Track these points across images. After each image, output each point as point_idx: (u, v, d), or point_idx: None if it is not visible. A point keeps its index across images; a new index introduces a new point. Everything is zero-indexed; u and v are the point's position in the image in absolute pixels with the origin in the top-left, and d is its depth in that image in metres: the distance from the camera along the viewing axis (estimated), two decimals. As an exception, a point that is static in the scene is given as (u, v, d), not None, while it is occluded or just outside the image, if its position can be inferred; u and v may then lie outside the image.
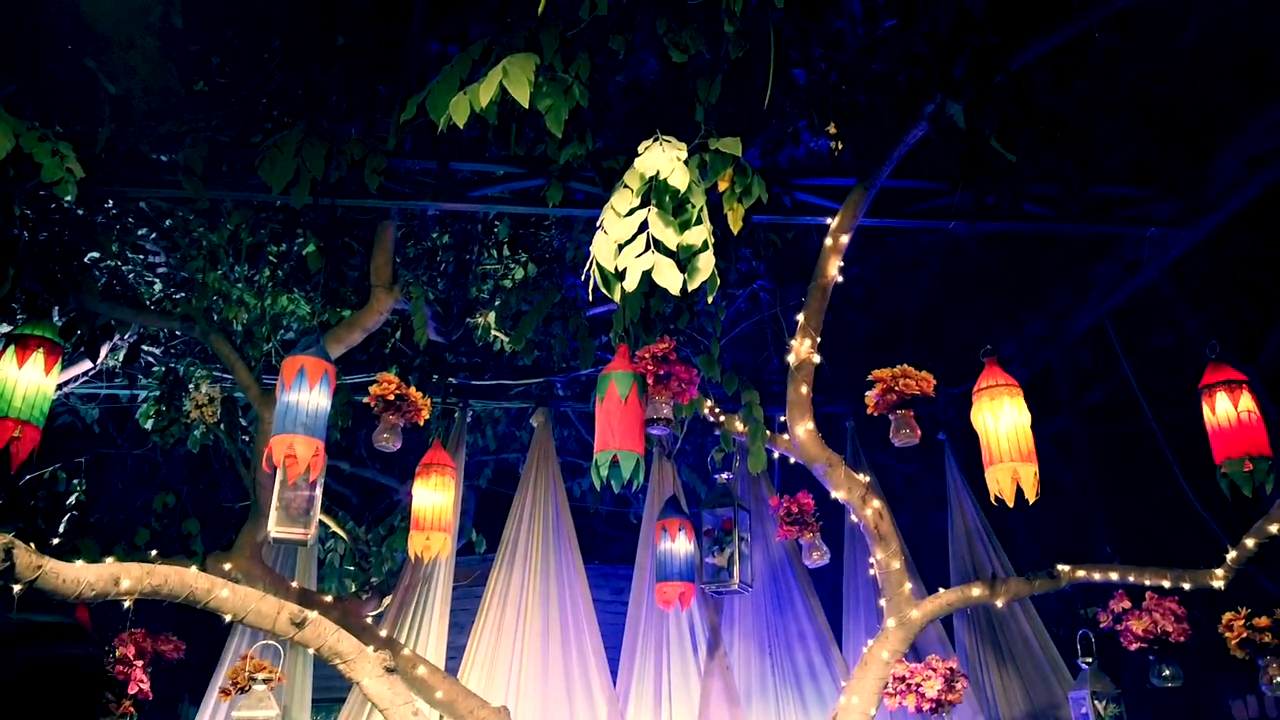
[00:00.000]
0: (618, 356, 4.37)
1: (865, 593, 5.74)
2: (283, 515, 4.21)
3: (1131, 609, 4.42)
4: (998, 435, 4.03)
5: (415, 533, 4.91)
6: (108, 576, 3.50)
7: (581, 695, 5.54)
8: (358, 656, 4.26)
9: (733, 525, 5.04)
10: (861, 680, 4.60)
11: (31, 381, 3.71)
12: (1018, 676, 5.58)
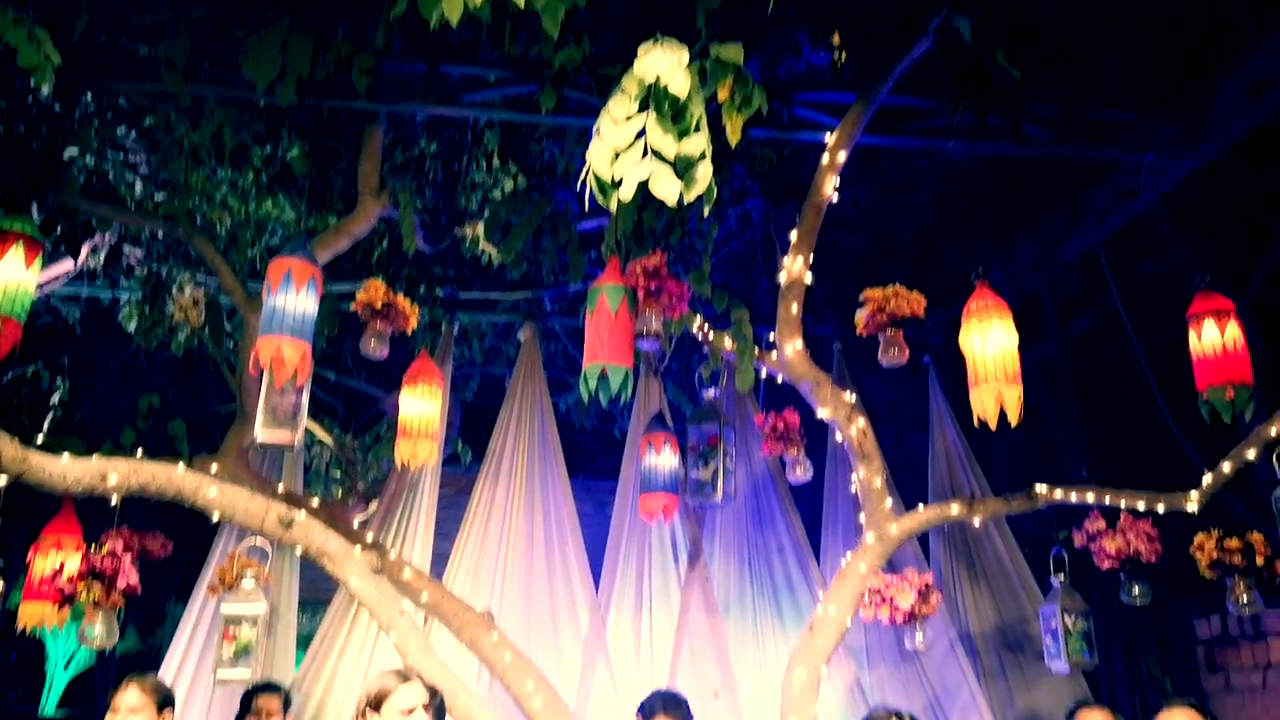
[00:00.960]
0: (608, 269, 4.34)
1: (845, 509, 5.84)
2: (269, 419, 4.20)
3: (1106, 529, 4.52)
4: (984, 357, 4.05)
5: (402, 440, 4.93)
6: (94, 472, 3.51)
7: (564, 602, 5.66)
8: (345, 557, 4.32)
9: (718, 440, 5.08)
10: (838, 592, 4.72)
11: (11, 277, 3.64)
12: (990, 593, 5.74)
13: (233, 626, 4.01)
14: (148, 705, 3.27)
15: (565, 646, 5.56)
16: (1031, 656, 5.46)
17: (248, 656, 4.00)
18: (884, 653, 5.60)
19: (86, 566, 3.85)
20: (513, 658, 4.87)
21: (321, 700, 5.20)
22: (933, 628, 4.87)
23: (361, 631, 5.40)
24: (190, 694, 5.06)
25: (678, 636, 5.57)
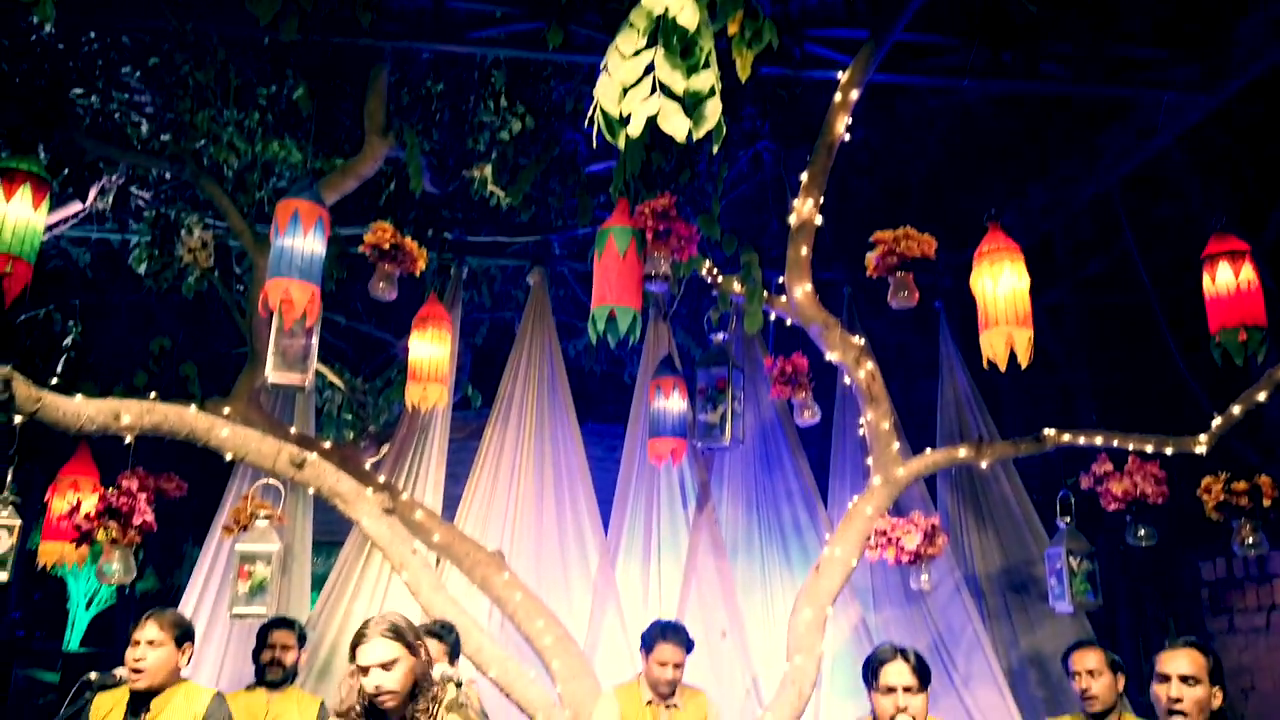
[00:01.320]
0: (617, 211, 4.30)
1: (853, 453, 5.86)
2: (280, 361, 4.22)
3: (1113, 472, 4.53)
4: (995, 299, 4.02)
5: (412, 383, 4.95)
6: (108, 411, 3.55)
7: (574, 544, 5.73)
8: (356, 497, 4.37)
9: (726, 384, 5.09)
10: (845, 534, 4.76)
11: (20, 216, 3.63)
12: (996, 536, 5.78)
13: (247, 564, 4.08)
14: (167, 639, 3.33)
15: (575, 588, 5.65)
16: (1036, 598, 5.51)
17: (262, 593, 4.07)
18: (890, 594, 5.67)
19: (103, 505, 3.91)
20: (523, 597, 4.95)
21: (336, 638, 5.31)
22: (938, 569, 4.92)
23: (375, 571, 5.48)
24: (209, 630, 5.17)
25: (686, 578, 5.64)
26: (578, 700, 4.62)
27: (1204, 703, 3.00)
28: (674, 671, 4.24)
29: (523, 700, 4.50)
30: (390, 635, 2.75)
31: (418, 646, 2.78)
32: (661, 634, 4.31)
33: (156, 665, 3.30)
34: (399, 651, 2.72)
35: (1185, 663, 3.04)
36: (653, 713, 4.25)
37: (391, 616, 2.96)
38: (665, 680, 4.23)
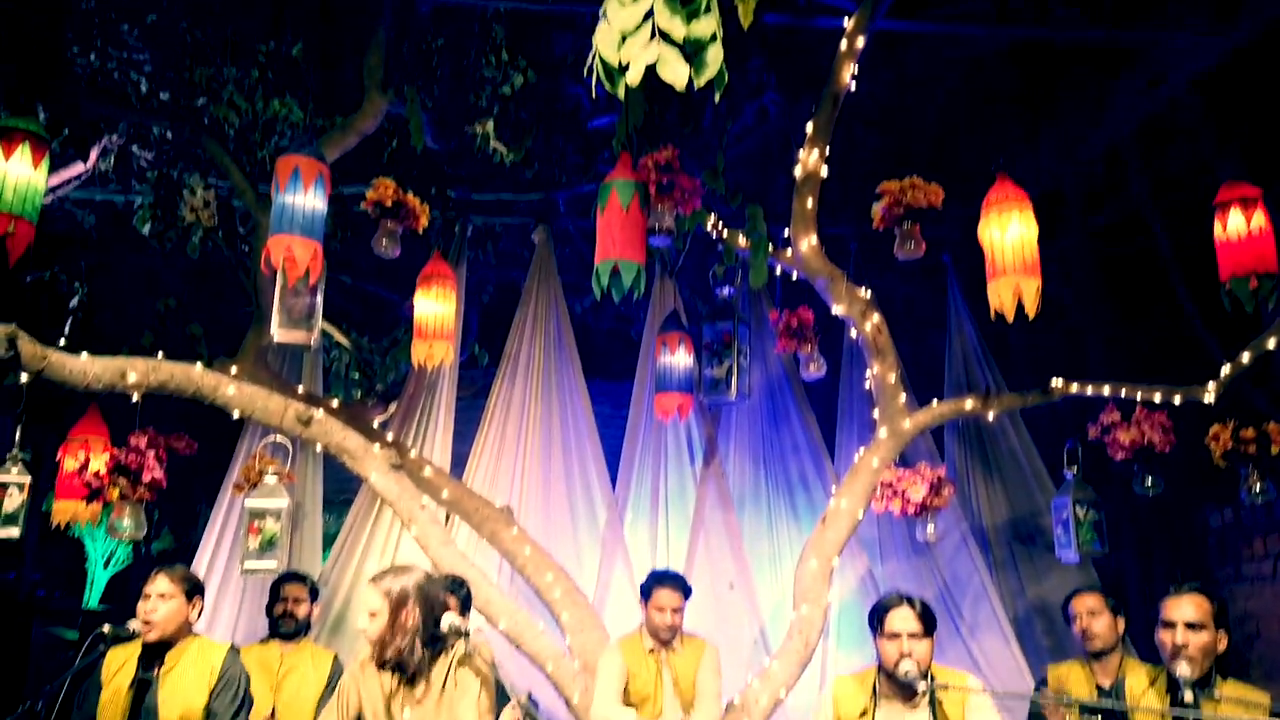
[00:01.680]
0: (620, 165, 4.26)
1: (860, 407, 5.86)
2: (285, 319, 4.23)
3: (1120, 421, 4.52)
4: (1003, 248, 3.98)
5: (418, 341, 4.95)
6: (114, 369, 3.56)
7: (582, 499, 5.77)
8: (364, 454, 4.40)
9: (732, 339, 5.08)
10: (851, 486, 4.77)
11: (20, 175, 3.62)
12: (1003, 487, 5.79)
13: (257, 520, 4.12)
14: (177, 592, 3.37)
15: (583, 543, 5.70)
16: (1043, 549, 5.53)
17: (273, 548, 4.12)
18: (896, 546, 5.70)
19: (112, 463, 3.94)
20: (532, 551, 4.99)
21: (349, 593, 5.37)
22: (944, 521, 4.93)
23: (385, 528, 5.54)
24: (223, 586, 5.23)
25: (693, 532, 5.68)
26: (587, 651, 4.67)
27: (1209, 647, 3.02)
28: (673, 616, 4.29)
29: (533, 651, 4.56)
30: (374, 584, 2.98)
31: (401, 600, 2.90)
32: (658, 581, 4.38)
33: (168, 618, 3.34)
34: (379, 604, 2.93)
35: (1190, 609, 3.05)
36: (655, 660, 4.31)
37: (395, 568, 3.04)
38: (665, 625, 4.28)
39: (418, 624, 2.98)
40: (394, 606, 2.97)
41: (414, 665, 2.99)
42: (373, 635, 2.98)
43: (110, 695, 3.31)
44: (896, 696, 3.29)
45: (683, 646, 4.38)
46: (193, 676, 3.35)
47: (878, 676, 3.35)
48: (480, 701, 2.95)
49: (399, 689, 3.02)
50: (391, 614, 2.97)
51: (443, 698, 2.99)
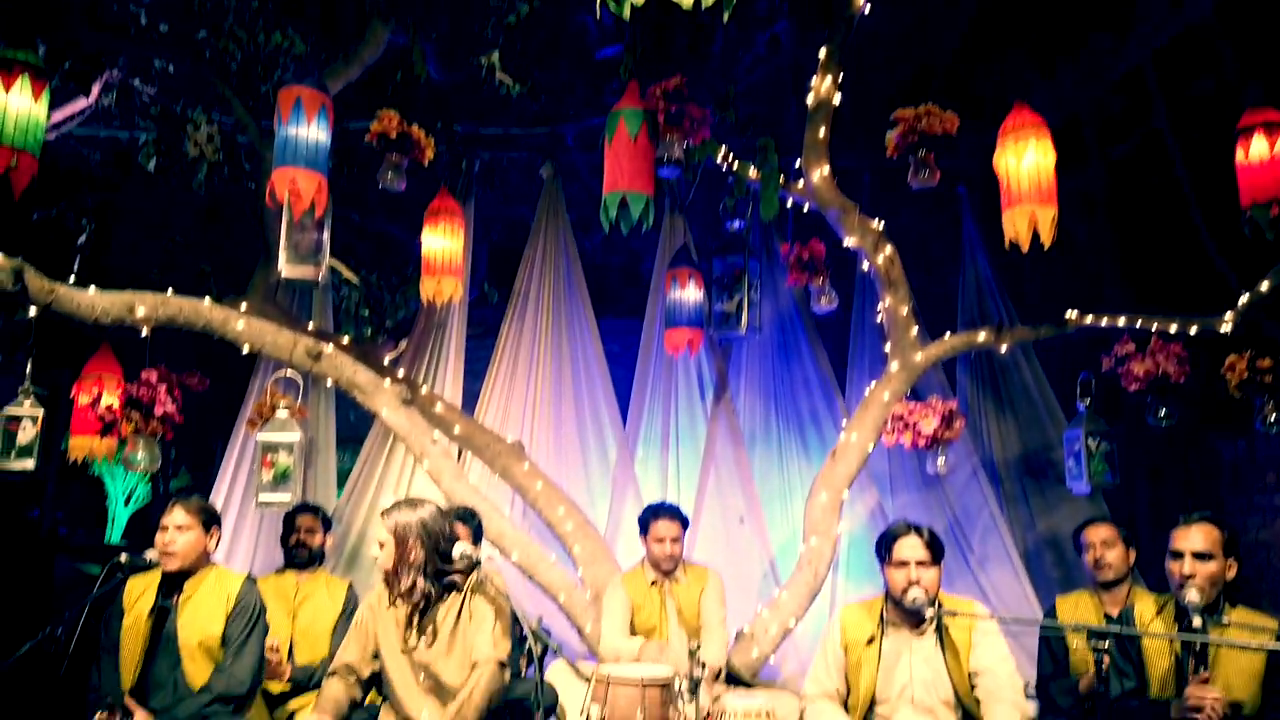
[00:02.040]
0: (627, 93, 4.18)
1: (871, 342, 5.81)
2: (292, 255, 4.21)
3: (1135, 352, 4.47)
4: (1019, 176, 3.90)
5: (426, 277, 4.93)
6: (122, 303, 3.56)
7: (593, 436, 5.79)
8: (375, 389, 4.41)
9: (742, 272, 5.03)
10: (861, 420, 4.77)
11: (21, 108, 3.57)
12: (1014, 421, 5.77)
13: (270, 454, 4.15)
14: (194, 523, 3.41)
15: (594, 479, 5.73)
16: (1054, 482, 5.53)
17: (286, 481, 4.15)
18: (906, 479, 5.71)
19: (125, 397, 3.97)
20: (544, 486, 5.03)
21: (363, 527, 5.44)
22: (955, 454, 4.92)
23: (398, 464, 5.58)
24: (239, 520, 5.30)
25: (704, 467, 5.70)
26: (599, 582, 4.73)
27: (1216, 576, 3.02)
28: (672, 546, 4.33)
29: (545, 582, 4.62)
30: (383, 518, 3.05)
31: (405, 534, 2.98)
32: (655, 513, 4.42)
33: (186, 548, 3.39)
34: (386, 537, 3.01)
35: (1199, 538, 3.04)
36: (658, 593, 4.36)
37: (405, 501, 3.08)
38: (665, 556, 4.32)
39: (421, 558, 3.01)
40: (399, 540, 3.00)
41: (423, 596, 3.03)
42: (384, 566, 3.04)
43: (131, 622, 3.38)
44: (904, 624, 3.32)
45: (685, 576, 4.43)
46: (210, 604, 3.40)
47: (885, 604, 3.38)
48: (495, 631, 2.98)
49: (414, 621, 3.06)
50: (398, 547, 3.00)
51: (457, 628, 3.03)
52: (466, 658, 2.99)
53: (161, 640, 3.35)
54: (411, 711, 3.01)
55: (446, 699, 2.98)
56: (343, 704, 3.00)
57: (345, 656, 3.11)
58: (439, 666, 3.00)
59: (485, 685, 2.85)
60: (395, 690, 3.04)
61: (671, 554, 4.34)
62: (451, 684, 2.98)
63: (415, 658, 3.03)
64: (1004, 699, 3.02)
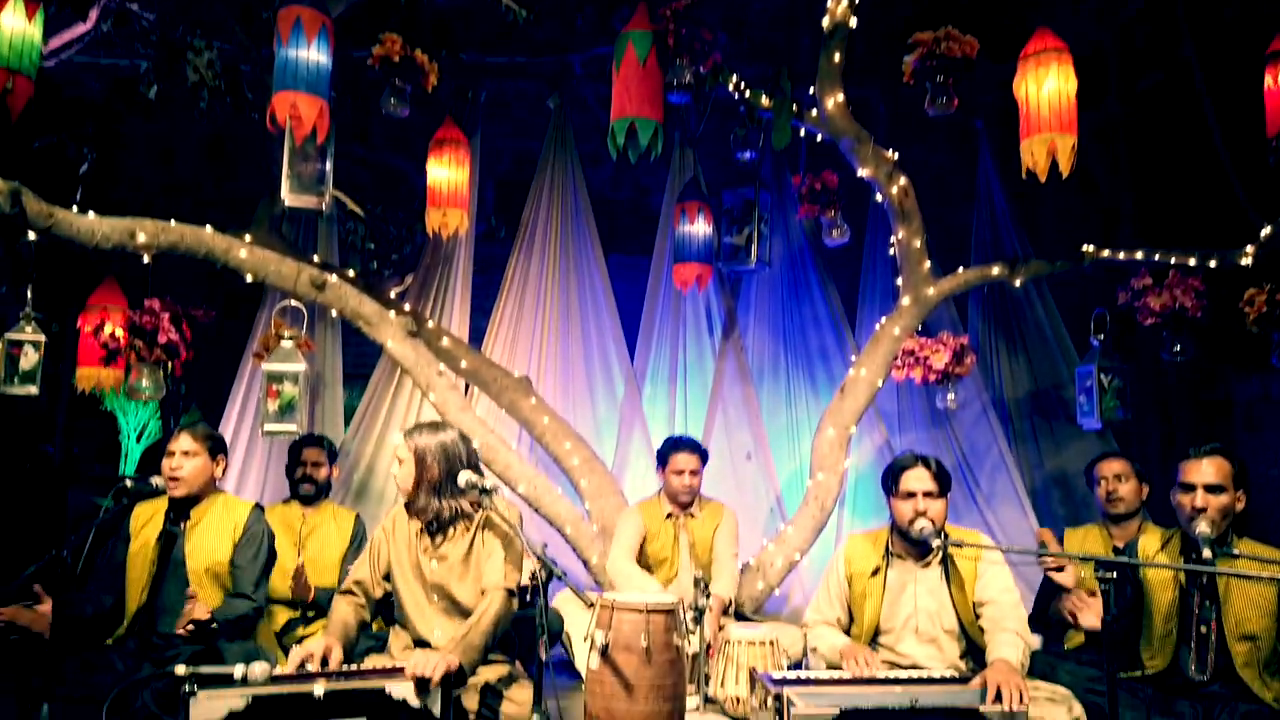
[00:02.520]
0: (637, 15, 4.07)
1: (883, 278, 5.73)
2: (295, 183, 4.15)
3: (1152, 286, 4.39)
4: (1039, 103, 3.80)
5: (432, 209, 4.87)
6: (122, 229, 3.52)
7: (600, 372, 5.76)
8: (380, 320, 4.38)
9: (753, 204, 4.95)
10: (872, 355, 4.72)
11: (15, 29, 3.49)
12: (1026, 359, 5.71)
13: (275, 384, 4.14)
14: (200, 449, 3.41)
15: (602, 415, 5.72)
16: (1064, 421, 5.49)
17: (292, 412, 4.15)
18: (915, 417, 5.67)
19: (128, 325, 3.95)
20: (551, 420, 5.02)
21: (371, 460, 5.46)
22: (965, 390, 4.89)
23: (405, 398, 5.57)
24: (248, 452, 5.32)
25: (711, 403, 5.68)
26: (605, 515, 4.75)
27: (1227, 508, 2.99)
28: (690, 479, 4.33)
29: (551, 514, 4.64)
30: (406, 437, 3.11)
31: (423, 454, 3.05)
32: (674, 446, 4.41)
33: (193, 474, 3.40)
34: (406, 455, 3.07)
35: (1211, 470, 3.00)
36: (674, 525, 4.37)
37: (428, 424, 3.14)
38: (683, 488, 4.32)
39: (438, 478, 3.03)
40: (418, 459, 3.03)
41: (436, 515, 3.04)
42: (401, 483, 3.08)
43: (138, 547, 3.40)
44: (909, 555, 3.31)
45: (701, 511, 4.43)
46: (217, 531, 3.42)
47: (890, 536, 3.37)
48: (506, 560, 2.99)
49: (427, 543, 3.07)
50: (417, 466, 3.03)
51: (470, 555, 3.04)
52: (478, 581, 3.02)
53: (170, 565, 3.37)
54: (423, 631, 3.03)
55: (459, 618, 3.00)
56: (351, 626, 3.02)
57: (357, 574, 3.14)
58: (453, 587, 3.02)
59: (494, 612, 2.86)
60: (407, 611, 3.07)
61: (690, 486, 4.34)
62: (466, 603, 3.01)
63: (429, 578, 3.05)
64: (1008, 628, 3.01)
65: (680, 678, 2.78)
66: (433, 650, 2.78)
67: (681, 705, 2.79)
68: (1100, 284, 5.23)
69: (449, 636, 2.94)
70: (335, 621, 3.02)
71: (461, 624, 2.92)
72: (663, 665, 2.73)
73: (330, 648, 2.84)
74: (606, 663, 2.73)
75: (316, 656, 2.77)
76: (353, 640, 3.02)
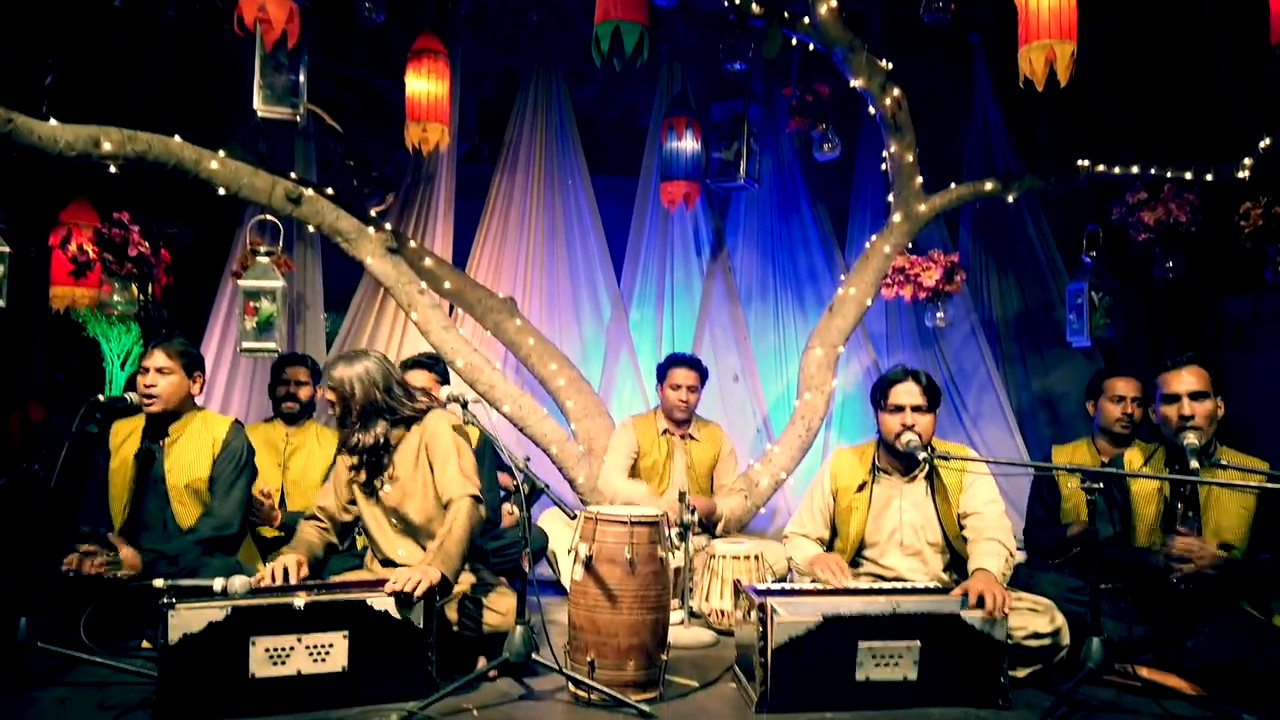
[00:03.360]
0: (621, -85, 3.88)
1: (874, 196, 5.63)
2: (268, 94, 4.01)
3: (1147, 200, 4.31)
4: (1038, 6, 3.65)
5: (411, 123, 4.72)
6: (86, 136, 3.39)
7: (587, 294, 5.68)
8: (358, 235, 4.28)
9: (742, 117, 4.81)
10: (861, 273, 4.65)
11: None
12: (1016, 280, 5.66)
13: (252, 301, 4.05)
14: (175, 366, 3.33)
15: (588, 336, 5.66)
16: (1052, 342, 5.46)
17: (270, 330, 4.07)
18: (903, 338, 5.64)
19: (97, 238, 3.84)
20: (536, 341, 4.96)
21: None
22: (954, 310, 4.83)
23: (389, 321, 5.49)
24: (231, 375, 5.24)
25: (699, 325, 5.63)
26: (591, 436, 4.72)
27: (1212, 414, 2.97)
28: (688, 394, 4.29)
29: (537, 434, 4.61)
30: (326, 376, 3.02)
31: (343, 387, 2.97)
32: (673, 361, 4.37)
33: (168, 391, 3.33)
34: (332, 396, 3.00)
35: (1193, 379, 2.98)
36: (668, 442, 4.34)
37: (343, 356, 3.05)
38: (679, 403, 4.28)
39: (365, 405, 2.96)
40: (340, 394, 2.96)
41: (377, 441, 2.99)
42: (340, 422, 3.01)
43: (118, 464, 3.35)
44: (895, 470, 3.29)
45: (700, 433, 4.40)
46: (197, 448, 3.37)
47: (877, 451, 3.34)
48: (462, 467, 2.94)
49: (374, 467, 3.04)
50: (340, 400, 2.96)
51: (417, 467, 3.00)
52: (429, 497, 2.99)
53: (149, 482, 3.33)
54: (388, 552, 3.04)
55: (419, 538, 3.01)
56: (315, 545, 3.02)
57: (321, 501, 3.13)
58: (406, 507, 3.00)
59: (464, 520, 2.83)
60: (371, 534, 3.09)
61: (686, 402, 4.30)
62: (420, 522, 2.99)
63: (384, 502, 3.03)
64: (991, 538, 3.01)
65: (664, 589, 2.77)
66: (413, 567, 2.76)
67: (665, 616, 2.80)
68: (1092, 206, 5.14)
69: (411, 555, 2.95)
70: (299, 540, 3.03)
71: (425, 542, 2.92)
72: (646, 577, 2.72)
73: (300, 562, 2.83)
74: (590, 574, 2.72)
75: (280, 572, 2.76)
76: (319, 560, 3.01)
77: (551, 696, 2.73)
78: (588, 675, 2.67)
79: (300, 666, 2.53)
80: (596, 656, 2.68)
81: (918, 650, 2.61)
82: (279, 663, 2.51)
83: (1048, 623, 2.84)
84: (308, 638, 2.53)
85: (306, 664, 2.53)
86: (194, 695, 2.43)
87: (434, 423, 3.03)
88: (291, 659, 2.52)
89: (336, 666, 2.56)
